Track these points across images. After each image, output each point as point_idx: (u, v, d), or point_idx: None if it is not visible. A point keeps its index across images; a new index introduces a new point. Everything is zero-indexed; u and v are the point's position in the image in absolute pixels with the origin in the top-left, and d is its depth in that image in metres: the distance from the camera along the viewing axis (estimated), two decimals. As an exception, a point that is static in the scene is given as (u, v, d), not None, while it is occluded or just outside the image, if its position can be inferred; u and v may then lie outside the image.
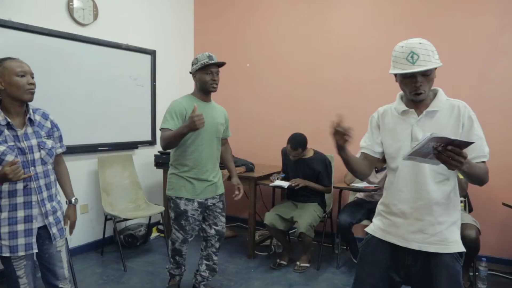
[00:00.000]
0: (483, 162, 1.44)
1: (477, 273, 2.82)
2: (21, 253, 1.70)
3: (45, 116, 1.85)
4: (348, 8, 3.70)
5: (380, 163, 1.67)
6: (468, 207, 3.01)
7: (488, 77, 3.15)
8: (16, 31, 2.85)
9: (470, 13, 3.17)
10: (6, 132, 1.66)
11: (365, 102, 3.59)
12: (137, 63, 3.87)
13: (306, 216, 3.08)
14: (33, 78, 1.73)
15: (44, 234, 1.80)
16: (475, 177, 1.39)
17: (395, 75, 1.50)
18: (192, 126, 2.07)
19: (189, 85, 4.12)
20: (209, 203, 2.49)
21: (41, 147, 1.76)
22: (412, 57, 1.39)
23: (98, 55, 3.45)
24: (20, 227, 1.70)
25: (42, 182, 1.76)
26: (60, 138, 1.93)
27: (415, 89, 1.44)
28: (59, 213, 1.88)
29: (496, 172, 3.13)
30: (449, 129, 1.44)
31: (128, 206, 3.55)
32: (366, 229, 1.66)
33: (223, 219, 2.59)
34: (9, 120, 1.67)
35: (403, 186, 1.52)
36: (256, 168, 3.64)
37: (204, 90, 2.40)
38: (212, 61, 2.34)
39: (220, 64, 2.40)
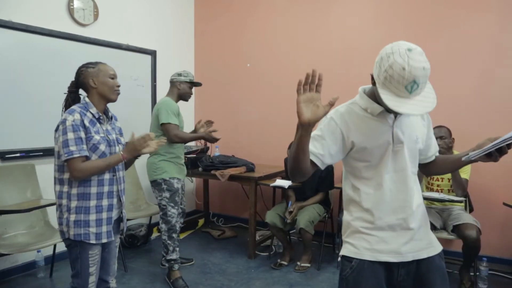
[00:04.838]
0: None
1: (478, 273, 2.82)
2: (104, 240, 1.74)
3: (115, 118, 1.98)
4: (348, 8, 3.70)
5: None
6: (469, 207, 3.00)
7: (489, 76, 3.13)
8: (17, 31, 2.85)
9: (472, 12, 3.16)
10: (98, 124, 1.78)
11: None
12: (138, 63, 3.87)
13: (306, 213, 3.10)
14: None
15: None
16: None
17: (372, 76, 1.32)
18: (209, 139, 2.96)
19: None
20: (182, 183, 2.99)
21: (119, 142, 1.89)
22: (412, 87, 1.15)
23: (98, 55, 3.43)
24: (104, 215, 1.76)
25: (121, 174, 1.87)
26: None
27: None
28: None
29: (497, 172, 3.13)
30: (419, 127, 1.40)
31: (129, 206, 3.54)
32: (346, 254, 1.35)
33: (185, 198, 3.18)
34: (100, 114, 1.80)
35: (387, 196, 1.31)
36: (257, 168, 3.63)
37: (182, 98, 2.97)
38: (197, 82, 3.06)
39: (197, 84, 3.07)
